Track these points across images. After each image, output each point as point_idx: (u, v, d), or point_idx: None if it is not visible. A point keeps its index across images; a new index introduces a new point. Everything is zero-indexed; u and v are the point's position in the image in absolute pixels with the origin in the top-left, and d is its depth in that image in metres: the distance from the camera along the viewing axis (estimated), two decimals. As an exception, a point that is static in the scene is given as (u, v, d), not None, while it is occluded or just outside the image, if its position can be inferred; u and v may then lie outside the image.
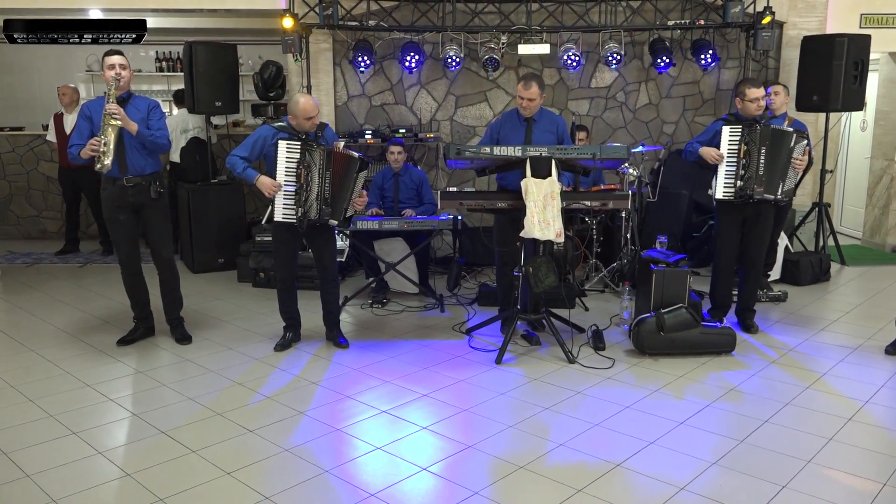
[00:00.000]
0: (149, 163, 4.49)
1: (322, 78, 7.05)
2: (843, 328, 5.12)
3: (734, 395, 3.95)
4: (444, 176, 7.31)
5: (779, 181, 4.66)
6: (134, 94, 4.52)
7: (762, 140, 4.62)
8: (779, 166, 4.64)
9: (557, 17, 6.84)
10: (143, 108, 4.47)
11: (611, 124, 7.34)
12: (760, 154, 4.61)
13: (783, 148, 4.64)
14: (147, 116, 4.45)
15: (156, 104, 4.55)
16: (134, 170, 4.44)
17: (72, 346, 4.71)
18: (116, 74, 4.30)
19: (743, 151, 4.63)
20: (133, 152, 4.41)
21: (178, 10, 7.47)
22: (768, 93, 5.66)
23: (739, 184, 4.64)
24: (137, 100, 4.50)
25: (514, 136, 4.74)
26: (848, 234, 8.35)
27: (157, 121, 4.49)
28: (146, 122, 4.44)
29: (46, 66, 9.36)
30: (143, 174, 4.47)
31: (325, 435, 3.47)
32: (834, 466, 3.15)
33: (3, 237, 8.19)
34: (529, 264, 4.36)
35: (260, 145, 4.41)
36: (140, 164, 4.45)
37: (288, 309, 4.72)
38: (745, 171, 4.63)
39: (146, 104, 4.50)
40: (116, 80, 4.29)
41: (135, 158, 4.43)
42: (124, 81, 4.36)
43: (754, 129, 4.62)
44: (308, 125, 4.34)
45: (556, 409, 3.75)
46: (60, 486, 2.96)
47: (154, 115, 4.49)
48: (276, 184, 4.30)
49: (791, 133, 4.67)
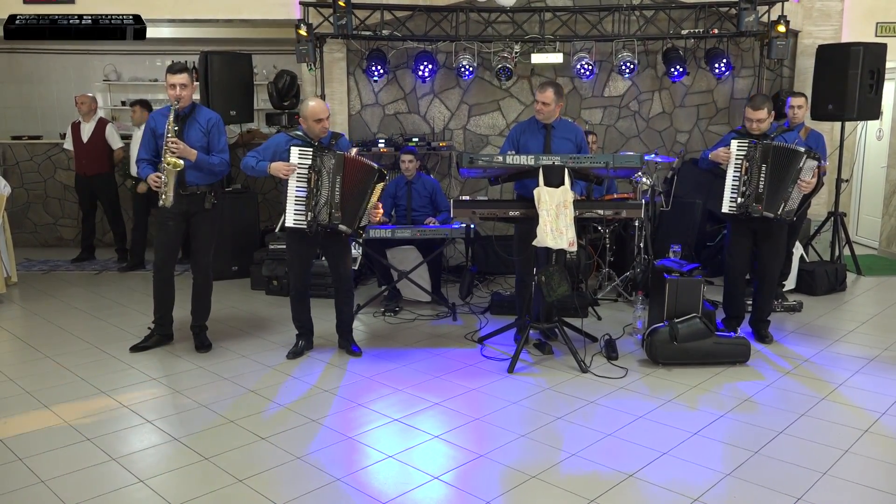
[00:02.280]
0: (205, 177, 4.55)
1: (336, 87, 7.10)
2: (858, 339, 5.07)
3: (748, 405, 3.92)
4: (458, 185, 7.32)
5: (780, 200, 4.56)
6: (198, 106, 4.58)
7: (763, 157, 4.56)
8: (782, 185, 4.55)
9: (571, 26, 6.85)
10: (204, 123, 4.52)
11: (624, 133, 7.33)
12: (761, 171, 4.56)
13: (790, 167, 4.53)
14: (207, 131, 4.51)
15: (217, 119, 4.58)
16: (192, 182, 4.51)
17: (87, 353, 4.75)
18: (176, 95, 4.37)
19: (745, 168, 4.61)
20: (191, 171, 4.48)
21: (194, 20, 7.55)
22: (788, 106, 5.64)
23: (740, 200, 4.62)
24: (200, 113, 4.55)
25: (534, 143, 4.76)
26: (864, 243, 8.27)
27: (218, 141, 4.54)
28: (206, 137, 4.50)
29: (65, 75, 9.48)
30: (198, 185, 4.53)
31: (337, 443, 3.47)
32: (849, 479, 3.11)
33: (21, 244, 8.27)
34: (542, 273, 4.35)
35: (272, 150, 4.45)
36: (196, 178, 4.52)
37: (300, 317, 4.73)
38: (745, 187, 4.60)
39: (207, 119, 4.54)
40: (176, 101, 4.36)
41: (192, 176, 4.50)
42: (184, 101, 4.41)
43: (757, 147, 4.58)
44: (318, 128, 4.36)
45: (569, 419, 3.74)
46: (74, 492, 2.98)
47: (214, 133, 4.53)
48: (288, 165, 4.32)
49: (801, 153, 4.52)
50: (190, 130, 4.47)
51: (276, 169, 4.35)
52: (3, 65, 9.24)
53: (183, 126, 4.45)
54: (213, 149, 4.53)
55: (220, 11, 7.16)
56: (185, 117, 4.47)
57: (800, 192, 4.57)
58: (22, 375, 4.35)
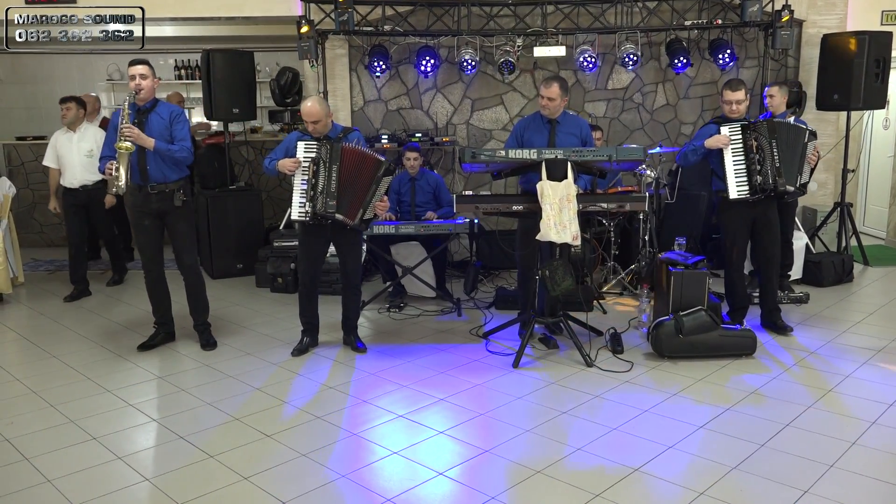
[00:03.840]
0: (172, 171, 4.54)
1: (338, 83, 7.08)
2: (866, 330, 5.04)
3: (755, 398, 3.90)
4: (461, 180, 7.30)
5: (796, 173, 4.67)
6: (160, 102, 4.57)
7: (770, 133, 4.60)
8: (794, 158, 4.65)
9: (573, 18, 6.82)
10: (166, 116, 4.51)
11: (628, 126, 7.30)
12: (772, 146, 4.58)
13: (797, 142, 4.66)
14: (170, 124, 4.49)
15: (179, 112, 4.58)
16: (156, 178, 4.50)
17: (93, 352, 4.76)
18: (136, 85, 4.38)
19: (755, 146, 4.59)
20: (154, 162, 4.47)
21: (196, 18, 7.54)
22: (764, 95, 5.65)
23: (759, 179, 4.60)
24: (162, 107, 4.54)
25: (538, 138, 4.73)
26: (871, 234, 8.23)
27: (180, 130, 4.52)
28: (169, 130, 4.48)
29: (68, 75, 9.49)
30: (166, 182, 4.52)
31: (342, 440, 3.47)
32: (856, 471, 3.09)
33: (27, 245, 8.28)
34: (546, 267, 4.34)
35: (285, 148, 4.52)
36: (162, 173, 4.50)
37: (307, 313, 4.74)
38: (760, 165, 4.58)
39: (168, 112, 4.53)
40: (136, 91, 4.37)
41: (155, 168, 4.48)
42: (145, 92, 4.42)
43: (759, 125, 4.62)
44: (312, 129, 4.38)
45: (574, 413, 3.73)
46: (80, 491, 2.99)
47: (177, 124, 4.52)
48: (294, 161, 4.35)
49: (805, 129, 4.73)
50: (152, 123, 4.44)
51: (283, 166, 4.40)
52: (7, 66, 9.27)
53: (144, 119, 4.44)
54: (174, 139, 4.50)
55: (222, 9, 7.15)
56: (146, 111, 4.46)
57: (809, 165, 4.72)
58: (28, 375, 4.37)
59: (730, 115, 4.70)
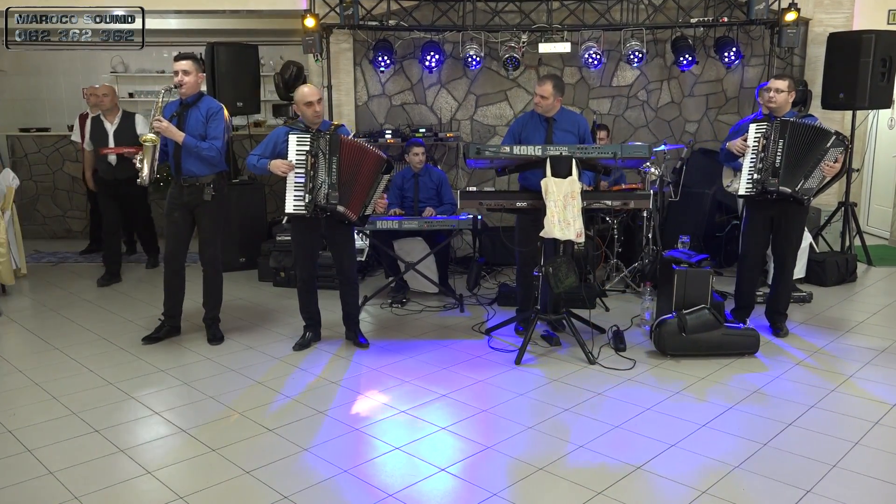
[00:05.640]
0: (202, 166, 4.55)
1: (342, 78, 7.07)
2: (870, 330, 5.03)
3: (758, 397, 3.89)
4: (465, 175, 7.30)
5: (800, 177, 4.54)
6: (205, 97, 4.61)
7: (780, 133, 4.53)
8: (802, 161, 4.53)
9: (578, 15, 6.80)
10: (205, 111, 4.53)
11: (632, 123, 7.28)
12: (778, 146, 4.52)
13: (813, 146, 4.51)
14: (206, 121, 4.52)
15: (217, 110, 4.58)
16: (188, 172, 4.54)
17: (95, 345, 4.77)
18: (178, 80, 4.45)
19: (762, 145, 4.57)
20: (186, 157, 4.51)
21: (201, 11, 7.53)
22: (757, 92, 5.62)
23: (756, 177, 4.57)
24: (204, 103, 4.57)
25: (536, 136, 4.71)
26: (875, 233, 8.21)
27: (214, 129, 4.54)
28: (204, 126, 4.51)
29: (72, 67, 9.49)
30: (197, 176, 4.55)
31: (343, 435, 3.47)
32: (859, 471, 3.09)
33: (30, 236, 8.30)
34: (549, 265, 4.33)
35: (273, 144, 4.46)
36: (193, 168, 4.53)
37: (308, 309, 4.73)
38: (762, 163, 4.56)
39: (208, 108, 4.55)
40: (177, 87, 4.45)
41: (188, 163, 4.52)
42: (187, 87, 4.47)
43: (775, 123, 4.56)
44: (310, 112, 4.35)
45: (577, 411, 3.72)
46: (82, 484, 2.99)
47: (213, 121, 4.54)
48: (287, 163, 4.32)
49: (830, 134, 4.51)
50: (191, 118, 4.51)
51: (276, 167, 4.35)
52: (11, 58, 9.24)
53: (185, 113, 4.51)
54: (207, 136, 4.53)
55: (227, 3, 7.14)
56: (189, 105, 4.52)
57: (822, 172, 4.54)
58: (30, 367, 4.37)
59: (766, 105, 4.68)
